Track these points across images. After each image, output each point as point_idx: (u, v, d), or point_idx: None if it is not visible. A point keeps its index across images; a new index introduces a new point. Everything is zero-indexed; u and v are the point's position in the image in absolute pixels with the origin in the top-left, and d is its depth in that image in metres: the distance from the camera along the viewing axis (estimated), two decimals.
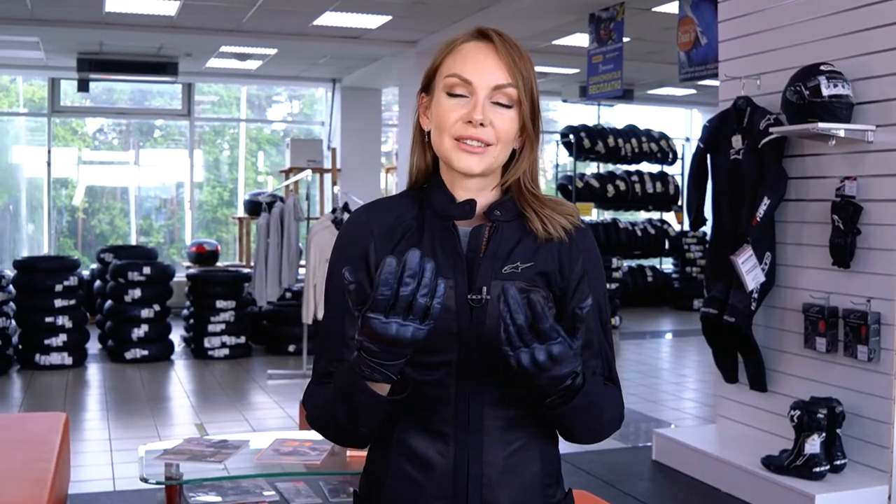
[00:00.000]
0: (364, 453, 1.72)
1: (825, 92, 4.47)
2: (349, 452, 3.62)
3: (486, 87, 1.57)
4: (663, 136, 13.28)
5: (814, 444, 4.55)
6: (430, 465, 1.56)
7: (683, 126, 15.72)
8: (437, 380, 1.54)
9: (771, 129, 4.86)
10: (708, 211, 5.49)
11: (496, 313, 1.49)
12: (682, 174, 13.83)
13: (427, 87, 1.66)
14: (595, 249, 1.69)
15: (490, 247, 1.59)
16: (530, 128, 1.62)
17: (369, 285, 1.53)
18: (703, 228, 5.70)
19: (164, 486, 3.48)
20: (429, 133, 1.65)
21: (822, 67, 4.53)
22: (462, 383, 1.54)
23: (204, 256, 11.66)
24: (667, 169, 13.44)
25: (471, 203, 1.61)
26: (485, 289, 1.55)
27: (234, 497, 3.65)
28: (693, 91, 13.38)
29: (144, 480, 3.44)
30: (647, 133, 13.18)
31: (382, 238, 1.62)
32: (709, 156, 5.40)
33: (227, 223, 14.16)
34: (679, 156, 13.48)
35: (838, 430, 4.61)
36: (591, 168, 13.79)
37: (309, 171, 9.79)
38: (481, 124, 1.55)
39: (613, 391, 1.66)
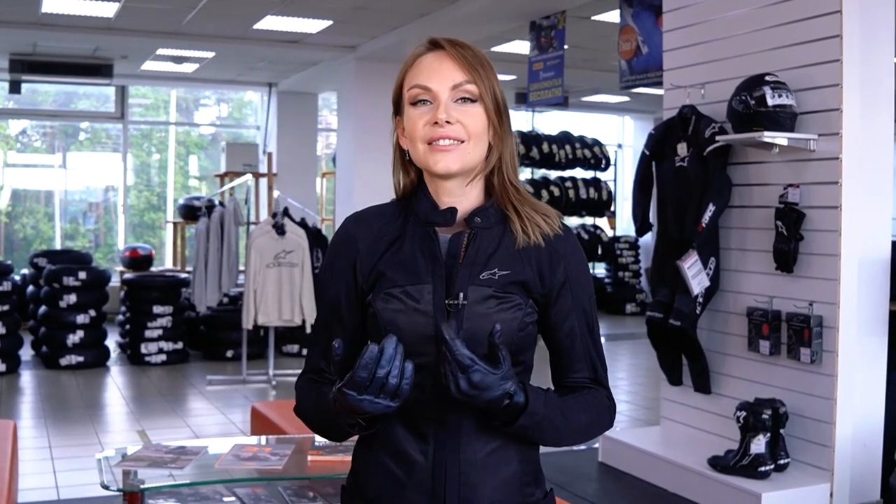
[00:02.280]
0: (326, 458, 1.79)
1: (770, 102, 4.59)
2: (310, 458, 3.61)
3: (446, 89, 1.63)
4: (597, 143, 13.43)
5: (759, 444, 4.67)
6: (410, 463, 1.63)
7: (616, 133, 15.93)
8: (417, 382, 1.56)
9: (717, 138, 4.96)
10: (653, 216, 5.60)
11: (473, 316, 1.60)
12: (616, 180, 14.03)
13: (398, 109, 1.72)
14: (578, 254, 1.72)
15: (468, 253, 1.65)
16: (496, 122, 1.67)
17: (355, 292, 1.69)
18: (647, 235, 5.80)
19: (123, 493, 3.44)
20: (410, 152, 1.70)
21: (766, 78, 4.66)
22: (439, 384, 1.56)
23: (138, 261, 11.51)
24: (600, 175, 13.59)
25: (451, 211, 1.67)
26: (461, 294, 1.61)
27: (195, 503, 3.63)
28: (626, 98, 13.59)
29: (105, 487, 3.39)
30: (581, 139, 13.32)
31: (368, 249, 1.69)
32: (654, 163, 5.50)
33: (155, 227, 13.96)
34: (612, 162, 13.65)
35: (782, 431, 4.73)
36: (525, 174, 13.89)
37: (249, 176, 9.73)
38: (448, 122, 1.61)
39: (591, 397, 1.72)
